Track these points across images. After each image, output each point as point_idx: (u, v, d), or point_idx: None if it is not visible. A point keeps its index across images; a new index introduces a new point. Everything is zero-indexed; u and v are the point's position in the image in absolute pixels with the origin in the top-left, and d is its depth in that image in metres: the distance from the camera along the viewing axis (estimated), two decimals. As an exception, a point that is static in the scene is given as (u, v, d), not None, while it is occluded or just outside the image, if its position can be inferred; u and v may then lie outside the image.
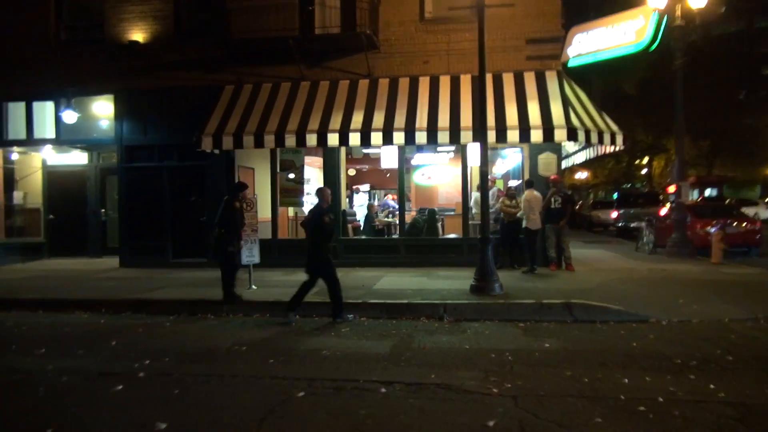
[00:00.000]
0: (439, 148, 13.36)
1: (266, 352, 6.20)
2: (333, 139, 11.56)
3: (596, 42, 11.20)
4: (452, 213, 15.12)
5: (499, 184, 15.02)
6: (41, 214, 14.91)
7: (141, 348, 6.51)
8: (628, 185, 51.49)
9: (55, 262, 14.38)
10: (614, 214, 26.02)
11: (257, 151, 12.90)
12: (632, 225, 15.57)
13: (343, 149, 13.31)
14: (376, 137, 11.45)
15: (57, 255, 14.87)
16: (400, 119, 11.57)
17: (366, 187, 18.19)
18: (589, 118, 11.49)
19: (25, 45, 13.52)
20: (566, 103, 11.30)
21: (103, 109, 13.67)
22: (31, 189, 15.01)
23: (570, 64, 11.92)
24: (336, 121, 11.75)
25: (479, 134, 9.33)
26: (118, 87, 13.35)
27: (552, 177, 11.72)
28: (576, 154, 16.05)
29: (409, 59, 12.48)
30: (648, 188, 42.86)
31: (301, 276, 8.46)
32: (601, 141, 11.37)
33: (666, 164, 42.18)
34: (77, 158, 14.98)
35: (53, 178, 14.98)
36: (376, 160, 14.61)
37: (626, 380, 5.04)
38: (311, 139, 11.59)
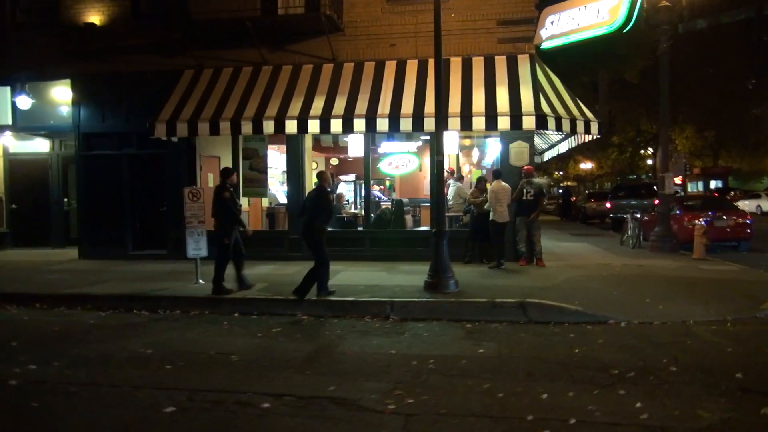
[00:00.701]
0: (407, 136, 12.75)
1: (170, 356, 5.70)
2: (291, 126, 11.00)
3: (569, 23, 10.52)
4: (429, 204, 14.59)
5: (477, 175, 14.40)
6: (3, 203, 14.47)
7: (40, 350, 6.04)
8: (633, 176, 50.68)
9: (16, 252, 13.96)
10: (608, 206, 25.32)
11: (221, 138, 12.38)
12: (626, 216, 14.95)
13: (309, 137, 12.75)
14: (336, 124, 10.87)
15: (20, 245, 14.46)
16: (361, 105, 10.98)
17: (351, 177, 17.57)
18: (562, 105, 10.85)
19: (-20, 28, 13.03)
20: (537, 89, 10.67)
21: (61, 94, 13.14)
22: (-7, 177, 14.58)
23: (543, 47, 11.26)
24: (295, 108, 11.17)
25: (437, 121, 8.72)
26: (75, 71, 12.82)
27: (525, 167, 11.10)
28: (561, 143, 15.45)
29: (375, 42, 11.86)
30: (654, 179, 42.11)
31: (262, 269, 9.32)
32: (573, 129, 10.74)
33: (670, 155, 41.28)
34: (40, 146, 14.53)
35: (15, 166, 14.54)
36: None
37: (546, 395, 4.49)
38: (268, 126, 11.03)
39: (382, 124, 10.73)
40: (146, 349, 5.99)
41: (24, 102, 12.56)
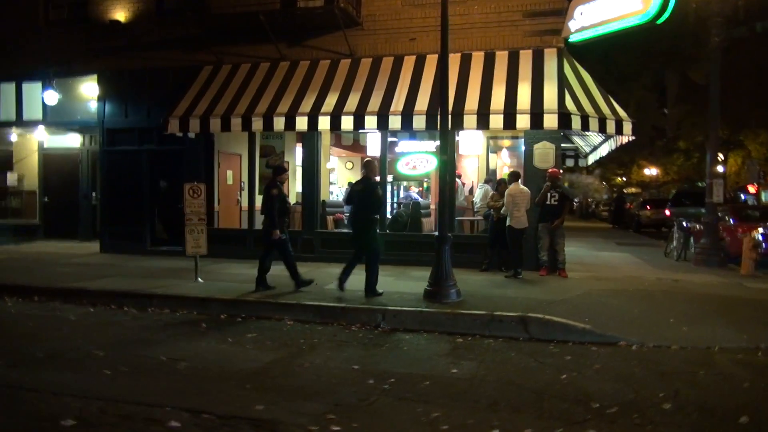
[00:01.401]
0: (427, 135, 12.17)
1: (119, 360, 5.38)
2: (301, 123, 10.65)
3: (599, 13, 9.64)
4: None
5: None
6: (37, 196, 14.86)
7: (-1, 346, 5.88)
8: (702, 184, 47.86)
9: (45, 244, 14.27)
10: (667, 213, 23.64)
11: (241, 135, 12.21)
12: (686, 225, 13.71)
13: (327, 134, 12.38)
14: (347, 121, 10.44)
15: (51, 237, 14.81)
16: (375, 102, 10.50)
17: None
18: (591, 103, 9.99)
19: (15, 24, 13.39)
20: (563, 86, 9.86)
21: (89, 90, 13.34)
22: (28, 171, 14.99)
23: (571, 40, 10.41)
24: (307, 104, 10.81)
25: (441, 120, 8.12)
26: (101, 68, 12.96)
27: (549, 170, 10.30)
28: (602, 146, 14.49)
29: (394, 37, 11.34)
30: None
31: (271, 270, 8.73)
32: (603, 129, 9.87)
33: (743, 161, 38.87)
34: (72, 141, 14.81)
35: (49, 160, 14.91)
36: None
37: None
38: (279, 123, 10.72)
39: (395, 122, 10.20)
40: (100, 350, 5.71)
41: (51, 97, 12.80)
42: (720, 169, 43.92)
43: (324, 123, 10.52)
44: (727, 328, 7.01)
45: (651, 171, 54.65)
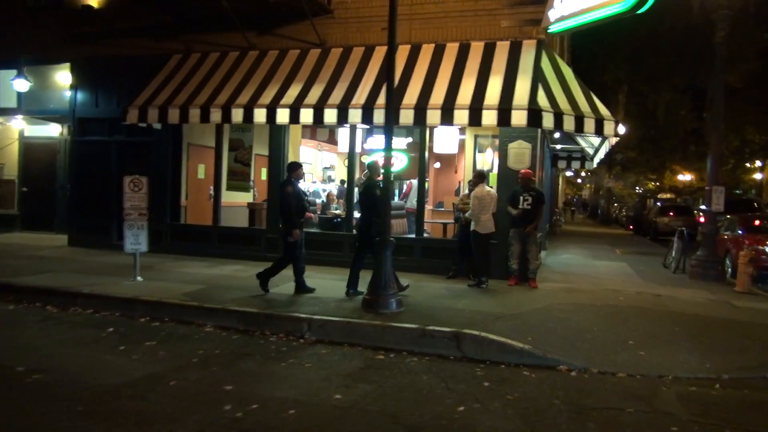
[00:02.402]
0: (396, 131, 11.43)
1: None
2: (260, 115, 10.07)
3: (579, 2, 8.80)
4: (441, 209, 13.25)
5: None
6: (16, 186, 14.66)
7: None
8: (739, 192, 45.86)
9: (19, 235, 14.05)
10: (701, 221, 22.17)
11: (211, 127, 11.72)
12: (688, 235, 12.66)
13: (298, 128, 11.80)
14: (306, 114, 9.81)
15: (29, 228, 14.60)
16: (337, 95, 9.85)
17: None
18: (568, 99, 9.15)
19: (-4, 11, 13.18)
20: (537, 80, 9.04)
21: (63, 78, 13.03)
22: (9, 160, 14.80)
23: (550, 30, 9.56)
24: (267, 96, 10.23)
25: (386, 114, 7.43)
26: (74, 55, 12.63)
27: (522, 171, 9.50)
28: (601, 148, 13.61)
29: (366, 25, 10.66)
30: (758, 195, 37.75)
31: (225, 269, 8.78)
32: (579, 128, 9.02)
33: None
34: (52, 130, 14.56)
35: (28, 149, 14.69)
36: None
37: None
38: (237, 115, 10.17)
39: (355, 115, 9.55)
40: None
41: (21, 85, 12.53)
42: (758, 176, 41.84)
43: (282, 116, 9.92)
44: (692, 354, 6.20)
45: (685, 177, 52.66)
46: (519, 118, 8.65)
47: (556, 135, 13.66)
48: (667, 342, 6.61)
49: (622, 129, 37.60)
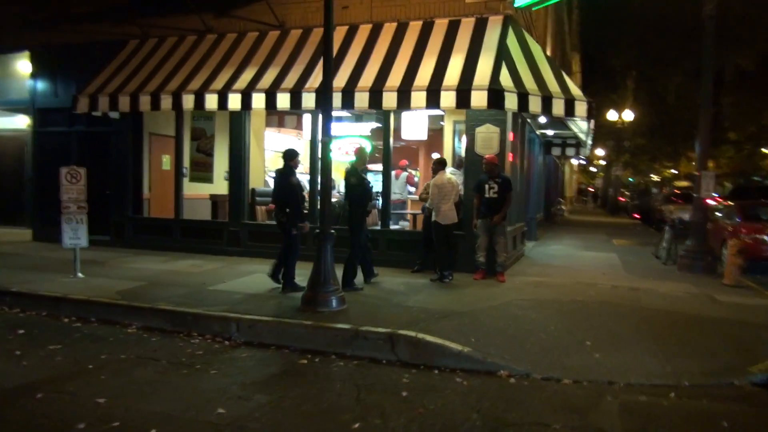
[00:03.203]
0: (357, 117, 10.86)
1: None
2: (211, 102, 9.55)
3: (545, -27, 8.14)
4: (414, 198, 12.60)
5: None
6: (-16, 179, 14.32)
7: None
8: (758, 178, 44.58)
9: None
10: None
11: (173, 115, 11.21)
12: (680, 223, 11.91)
13: (260, 115, 11.26)
14: (258, 100, 9.26)
15: (-1, 223, 14.24)
16: (291, 78, 9.27)
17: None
18: (535, 79, 8.47)
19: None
20: (500, 59, 8.38)
21: (24, 67, 12.59)
22: (-22, 153, 14.45)
23: (516, 4, 8.88)
24: (220, 81, 9.69)
25: (324, 97, 6.83)
26: (32, 42, 12.19)
27: (486, 157, 8.85)
28: (589, 133, 12.91)
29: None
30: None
31: (179, 264, 8.65)
32: (547, 109, 8.34)
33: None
34: (20, 122, 14.14)
35: (-3, 142, 14.33)
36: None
37: None
38: (188, 101, 9.67)
39: (308, 100, 8.96)
40: None
41: (-25, 75, 12.11)
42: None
43: (234, 101, 9.38)
44: (654, 356, 5.57)
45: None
46: (479, 99, 8.01)
47: (542, 119, 12.93)
48: (629, 343, 5.98)
49: (629, 115, 36.44)
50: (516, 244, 11.14)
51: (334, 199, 11.15)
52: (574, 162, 44.10)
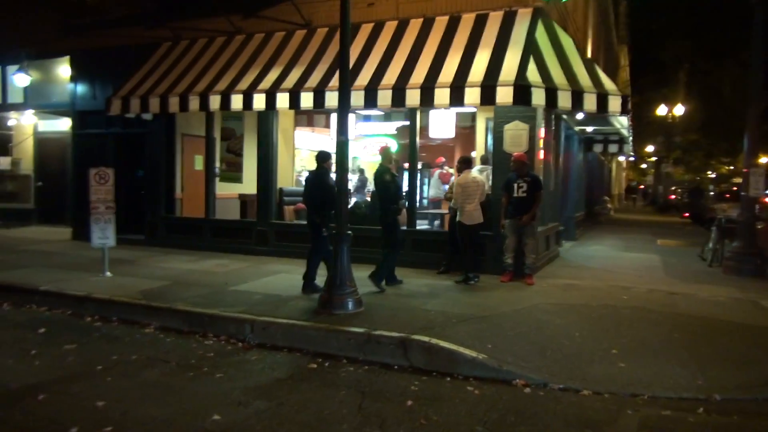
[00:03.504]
0: (385, 116, 10.69)
1: None
2: (237, 102, 9.57)
3: (574, -39, 7.78)
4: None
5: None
6: (31, 180, 14.86)
7: None
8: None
9: (31, 229, 14.25)
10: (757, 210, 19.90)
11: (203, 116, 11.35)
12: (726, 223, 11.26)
13: (290, 114, 11.24)
14: (283, 99, 9.21)
15: (45, 222, 14.78)
16: (315, 78, 9.20)
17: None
18: (565, 73, 8.12)
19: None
20: (528, 53, 8.06)
21: (65, 71, 12.99)
22: (25, 155, 15.02)
23: (546, -2, 8.54)
24: (246, 82, 9.71)
25: (340, 96, 6.71)
26: (72, 47, 12.55)
27: (514, 154, 8.55)
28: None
29: (353, 2, 9.82)
30: None
31: (206, 264, 8.80)
32: (578, 105, 7.98)
33: None
34: (62, 125, 14.61)
35: (42, 144, 14.86)
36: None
37: None
38: (214, 102, 9.72)
39: (332, 99, 8.85)
40: None
41: (21, 80, 12.55)
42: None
43: (259, 102, 9.37)
44: (685, 367, 5.21)
45: (764, 159, 49.03)
46: (504, 95, 7.72)
47: (579, 116, 12.41)
48: (659, 352, 5.61)
49: (680, 109, 34.86)
50: (549, 245, 10.76)
51: (354, 200, 11.11)
52: (621, 159, 42.64)
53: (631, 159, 59.26)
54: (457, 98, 8.03)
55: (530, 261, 8.58)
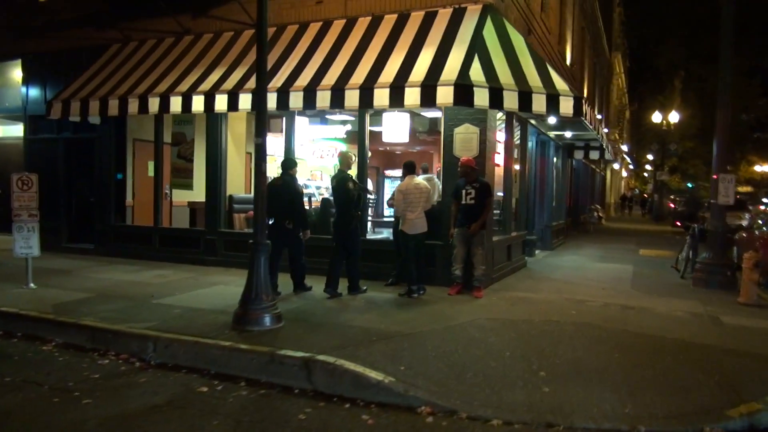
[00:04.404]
0: (330, 119, 10.22)
1: None
2: (176, 104, 9.12)
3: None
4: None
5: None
6: (-12, 188, 14.41)
7: None
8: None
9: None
10: (748, 218, 19.48)
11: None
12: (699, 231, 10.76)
13: (241, 119, 10.79)
14: (221, 101, 8.76)
15: (2, 231, 14.30)
16: (253, 80, 8.72)
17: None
18: (513, 73, 7.62)
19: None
20: (473, 51, 7.57)
21: (18, 75, 12.58)
22: (-18, 162, 14.58)
23: (494, -9, 8.06)
24: (186, 83, 9.27)
25: (258, 96, 6.26)
26: (23, 50, 12.16)
27: (462, 159, 8.05)
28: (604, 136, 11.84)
29: (300, 1, 9.49)
30: None
31: (143, 276, 8.39)
32: (527, 106, 7.48)
33: None
34: (19, 130, 14.19)
35: (1, 150, 14.41)
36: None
37: None
38: (153, 105, 9.28)
39: (271, 100, 8.36)
40: None
41: (-33, 84, 12.16)
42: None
43: (198, 104, 8.92)
44: (615, 392, 4.68)
45: (763, 167, 48.54)
46: (445, 95, 7.23)
47: (551, 120, 11.90)
48: (593, 374, 5.08)
49: (675, 117, 34.34)
50: (511, 255, 10.23)
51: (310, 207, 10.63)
52: (616, 166, 42.08)
53: (630, 167, 58.65)
54: (396, 99, 7.55)
55: (479, 272, 8.06)
